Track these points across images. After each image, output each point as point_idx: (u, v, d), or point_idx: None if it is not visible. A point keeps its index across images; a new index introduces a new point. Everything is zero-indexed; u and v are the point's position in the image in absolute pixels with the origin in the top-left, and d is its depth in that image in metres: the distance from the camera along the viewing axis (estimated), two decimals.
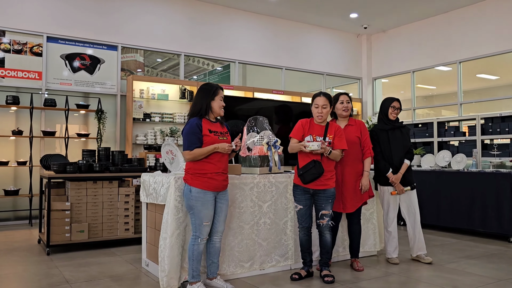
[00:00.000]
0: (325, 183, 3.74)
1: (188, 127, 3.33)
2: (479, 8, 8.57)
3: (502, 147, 7.67)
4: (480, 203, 5.68)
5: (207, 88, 3.43)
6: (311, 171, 3.69)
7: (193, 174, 3.33)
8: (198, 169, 3.33)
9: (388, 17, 9.50)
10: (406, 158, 4.36)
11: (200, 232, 3.34)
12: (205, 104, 3.38)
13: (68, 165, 5.00)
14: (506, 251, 4.96)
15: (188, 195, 3.33)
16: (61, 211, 4.92)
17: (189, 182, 3.34)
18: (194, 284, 3.36)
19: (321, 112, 3.78)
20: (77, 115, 7.46)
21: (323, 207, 3.76)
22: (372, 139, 4.33)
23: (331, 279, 3.73)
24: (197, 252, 3.35)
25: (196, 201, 3.30)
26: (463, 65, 8.98)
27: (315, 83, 10.28)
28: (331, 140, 3.78)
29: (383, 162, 4.34)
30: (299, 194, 3.81)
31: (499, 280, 3.81)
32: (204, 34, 8.62)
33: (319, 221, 3.80)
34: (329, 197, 3.76)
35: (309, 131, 3.81)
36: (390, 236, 4.44)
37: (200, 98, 3.41)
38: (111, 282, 3.74)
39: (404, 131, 4.42)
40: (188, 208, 3.36)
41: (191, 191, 3.31)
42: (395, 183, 4.31)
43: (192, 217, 3.36)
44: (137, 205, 5.36)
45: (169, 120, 7.77)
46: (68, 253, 4.85)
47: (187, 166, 3.39)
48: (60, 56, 7.28)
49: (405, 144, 4.38)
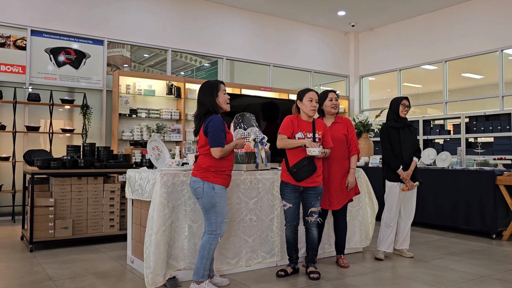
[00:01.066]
0: (316, 180, 3.75)
1: (216, 124, 3.26)
2: (464, 8, 8.67)
3: (486, 145, 7.79)
4: (464, 201, 5.76)
5: (209, 87, 3.40)
6: (305, 168, 3.67)
7: (215, 172, 3.31)
8: (220, 166, 3.32)
9: (375, 16, 9.55)
10: (415, 156, 4.47)
11: (221, 230, 3.32)
12: (211, 103, 3.35)
13: (52, 161, 4.93)
14: (489, 247, 5.04)
15: (211, 193, 3.27)
16: (45, 207, 4.85)
17: (211, 179, 3.29)
18: (202, 283, 3.32)
19: (316, 106, 3.78)
20: (62, 110, 7.36)
21: (312, 204, 3.77)
22: (383, 136, 4.45)
23: (317, 275, 3.75)
24: (213, 251, 3.34)
25: (220, 198, 3.30)
26: (448, 64, 9.08)
27: (303, 80, 10.30)
28: (320, 137, 3.79)
29: (394, 159, 4.39)
30: (289, 192, 3.77)
31: (482, 276, 3.87)
32: (192, 30, 8.56)
33: (308, 218, 3.80)
34: (319, 194, 3.78)
35: (298, 127, 3.80)
36: (391, 231, 4.48)
37: (204, 98, 3.37)
38: (95, 279, 3.70)
39: (413, 130, 4.52)
40: (210, 206, 3.29)
41: (214, 188, 3.28)
42: (406, 179, 4.38)
43: (212, 215, 3.30)
44: (122, 201, 5.31)
45: (155, 116, 7.71)
46: (52, 250, 4.79)
47: (207, 164, 3.31)
48: (44, 50, 7.16)
49: (414, 142, 4.49)
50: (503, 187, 5.37)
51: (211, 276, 3.54)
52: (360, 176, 4.77)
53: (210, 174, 3.30)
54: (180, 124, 7.87)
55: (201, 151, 3.38)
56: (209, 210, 3.30)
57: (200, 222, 3.68)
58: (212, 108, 3.35)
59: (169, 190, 3.55)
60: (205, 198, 3.29)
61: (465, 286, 3.58)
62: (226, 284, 3.56)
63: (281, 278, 3.77)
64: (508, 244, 5.21)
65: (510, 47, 8.06)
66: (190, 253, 3.63)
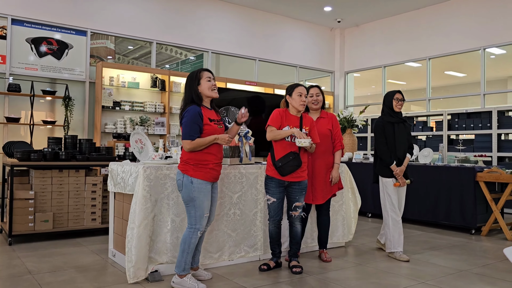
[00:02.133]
0: (301, 175, 3.75)
1: (189, 116, 3.18)
2: (448, 7, 8.76)
3: (467, 142, 7.92)
4: (445, 197, 5.85)
5: (190, 76, 3.34)
6: (291, 163, 3.66)
7: (195, 165, 3.22)
8: (200, 160, 3.23)
9: (361, 12, 9.59)
10: (408, 152, 4.41)
11: (201, 224, 3.27)
12: (193, 92, 3.26)
13: (32, 153, 4.84)
14: (468, 242, 5.13)
15: (189, 186, 3.21)
16: (25, 200, 4.76)
17: (190, 173, 3.21)
18: (185, 277, 3.29)
19: (305, 101, 3.79)
20: (43, 102, 7.22)
21: (297, 199, 3.77)
22: (378, 131, 4.37)
23: (300, 269, 3.76)
24: (194, 245, 3.29)
25: (198, 192, 3.22)
26: (432, 61, 9.18)
27: (288, 75, 10.30)
28: (307, 132, 3.80)
29: (388, 154, 4.32)
30: (273, 187, 3.76)
31: (460, 270, 3.94)
32: (177, 23, 8.47)
33: (292, 213, 3.81)
34: (303, 189, 3.79)
35: (286, 121, 3.80)
36: (398, 226, 4.30)
37: (187, 88, 3.31)
38: (76, 273, 3.66)
39: (407, 125, 4.44)
40: (188, 200, 3.24)
41: (192, 182, 3.20)
42: (399, 175, 4.30)
43: (191, 209, 3.25)
44: (104, 194, 5.25)
45: (139, 109, 7.62)
46: (31, 243, 4.71)
47: (186, 156, 3.25)
48: (25, 40, 7.00)
49: (408, 138, 4.42)
50: (483, 183, 5.47)
51: (195, 268, 3.53)
52: (343, 172, 4.80)
53: (190, 167, 3.24)
54: (164, 117, 7.80)
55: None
56: (188, 204, 3.27)
57: (183, 216, 3.66)
58: (196, 97, 3.27)
59: (152, 184, 3.52)
60: (184, 191, 3.25)
61: (444, 280, 3.64)
62: (208, 278, 3.55)
63: (263, 272, 3.78)
64: (487, 240, 5.32)
65: (492, 46, 8.19)
66: (173, 247, 3.61)
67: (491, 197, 5.43)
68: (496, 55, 8.67)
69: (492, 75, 8.75)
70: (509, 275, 3.78)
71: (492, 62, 8.73)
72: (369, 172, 6.76)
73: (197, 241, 3.32)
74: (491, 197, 5.43)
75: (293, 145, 3.70)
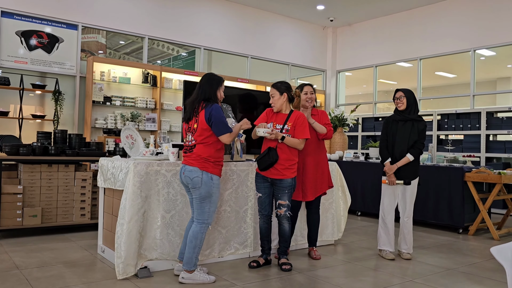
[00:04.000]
0: (282, 173, 3.73)
1: (218, 112, 3.35)
2: (440, 8, 8.83)
3: (456, 142, 8.00)
4: (433, 196, 5.91)
5: (216, 78, 3.51)
6: (264, 158, 3.73)
7: (214, 163, 3.37)
8: (218, 157, 3.41)
9: (354, 11, 9.62)
10: (409, 152, 4.21)
11: (211, 219, 3.43)
12: (213, 93, 3.44)
13: (21, 147, 4.79)
14: (455, 241, 5.19)
15: (210, 183, 3.33)
16: (13, 195, 4.72)
17: (210, 170, 3.34)
18: (195, 271, 3.37)
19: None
20: (32, 96, 7.14)
21: (279, 197, 3.78)
22: (382, 128, 4.40)
23: (289, 267, 3.78)
24: (203, 240, 3.41)
25: (216, 188, 3.38)
26: (423, 62, 9.25)
27: (280, 73, 10.31)
28: (289, 128, 3.80)
29: (385, 151, 4.32)
30: (258, 182, 3.85)
31: (448, 269, 3.99)
32: (169, 18, 8.43)
33: (277, 210, 3.83)
34: (286, 188, 3.75)
35: (271, 119, 3.89)
36: (386, 228, 4.33)
37: (209, 86, 3.45)
38: (64, 268, 3.63)
39: (416, 125, 4.26)
40: (206, 196, 3.34)
41: (212, 178, 3.34)
42: (387, 173, 4.25)
43: (206, 205, 3.36)
44: (94, 190, 5.22)
45: (130, 105, 7.58)
46: (20, 238, 4.67)
47: (207, 154, 3.34)
48: (15, 33, 6.92)
49: (412, 138, 4.23)
50: (471, 183, 5.53)
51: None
52: (334, 170, 4.83)
53: (210, 164, 3.34)
54: (155, 113, 7.77)
55: (199, 139, 3.36)
56: (204, 200, 3.35)
57: (173, 212, 3.65)
58: (215, 97, 3.45)
59: (143, 179, 3.50)
60: (203, 188, 3.32)
61: (431, 278, 3.68)
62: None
63: (253, 269, 3.79)
64: (474, 239, 5.38)
65: (482, 47, 8.27)
66: (163, 243, 3.60)
67: (479, 197, 5.49)
68: (486, 57, 8.77)
69: (481, 76, 8.85)
70: (495, 274, 3.83)
71: (481, 64, 8.83)
72: (359, 171, 6.81)
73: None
74: (479, 197, 5.50)
75: (271, 140, 3.77)
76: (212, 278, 3.40)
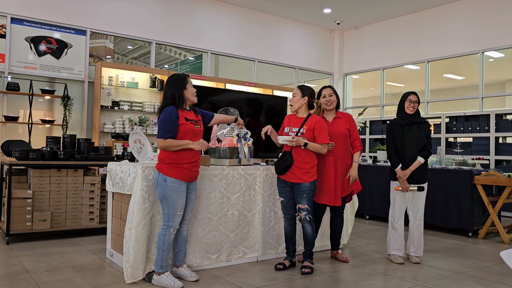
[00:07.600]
0: (300, 177, 3.73)
1: (164, 115, 3.29)
2: (447, 10, 8.79)
3: (465, 145, 7.94)
4: (442, 199, 5.86)
5: (177, 79, 3.41)
6: (280, 162, 3.79)
7: (169, 164, 3.32)
8: (175, 159, 3.32)
9: (360, 14, 9.61)
10: (420, 156, 4.16)
11: (173, 222, 3.34)
12: (178, 95, 3.36)
13: (31, 152, 4.84)
14: (465, 245, 5.15)
15: (163, 185, 3.30)
16: (23, 199, 4.76)
17: (165, 171, 3.31)
18: (163, 274, 3.35)
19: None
20: (41, 101, 7.21)
21: (298, 200, 3.79)
22: (387, 133, 4.31)
23: (309, 270, 3.78)
24: (168, 242, 3.35)
25: (172, 191, 3.30)
26: (431, 64, 9.21)
27: (287, 76, 10.31)
28: (304, 131, 3.79)
29: (394, 157, 4.22)
30: (279, 186, 3.90)
31: (457, 273, 3.95)
32: (177, 23, 8.48)
33: (297, 214, 3.84)
34: (304, 192, 3.74)
35: (288, 123, 3.94)
36: (396, 233, 4.29)
37: (171, 89, 3.38)
38: (73, 273, 3.66)
39: (422, 127, 4.22)
40: (162, 197, 3.33)
41: (166, 180, 3.30)
42: (401, 178, 4.16)
43: (164, 207, 3.34)
44: (102, 194, 5.25)
45: (138, 109, 7.62)
46: (29, 243, 4.71)
47: (162, 155, 3.36)
48: (25, 39, 7.00)
49: (421, 141, 4.18)
50: (480, 186, 5.49)
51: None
52: None
53: (164, 166, 3.33)
54: None
55: None
56: (162, 202, 3.36)
57: None
58: (179, 100, 3.36)
59: (150, 184, 3.52)
60: (158, 189, 3.35)
61: (440, 282, 3.65)
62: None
63: (279, 271, 3.83)
64: (484, 242, 5.33)
65: (490, 49, 8.22)
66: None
67: (489, 200, 5.44)
68: (495, 59, 8.70)
69: (490, 78, 8.78)
70: (506, 278, 3.79)
71: (490, 66, 8.76)
72: (367, 174, 6.78)
73: (171, 239, 3.36)
74: (489, 200, 5.45)
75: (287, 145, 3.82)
76: (179, 283, 3.31)
